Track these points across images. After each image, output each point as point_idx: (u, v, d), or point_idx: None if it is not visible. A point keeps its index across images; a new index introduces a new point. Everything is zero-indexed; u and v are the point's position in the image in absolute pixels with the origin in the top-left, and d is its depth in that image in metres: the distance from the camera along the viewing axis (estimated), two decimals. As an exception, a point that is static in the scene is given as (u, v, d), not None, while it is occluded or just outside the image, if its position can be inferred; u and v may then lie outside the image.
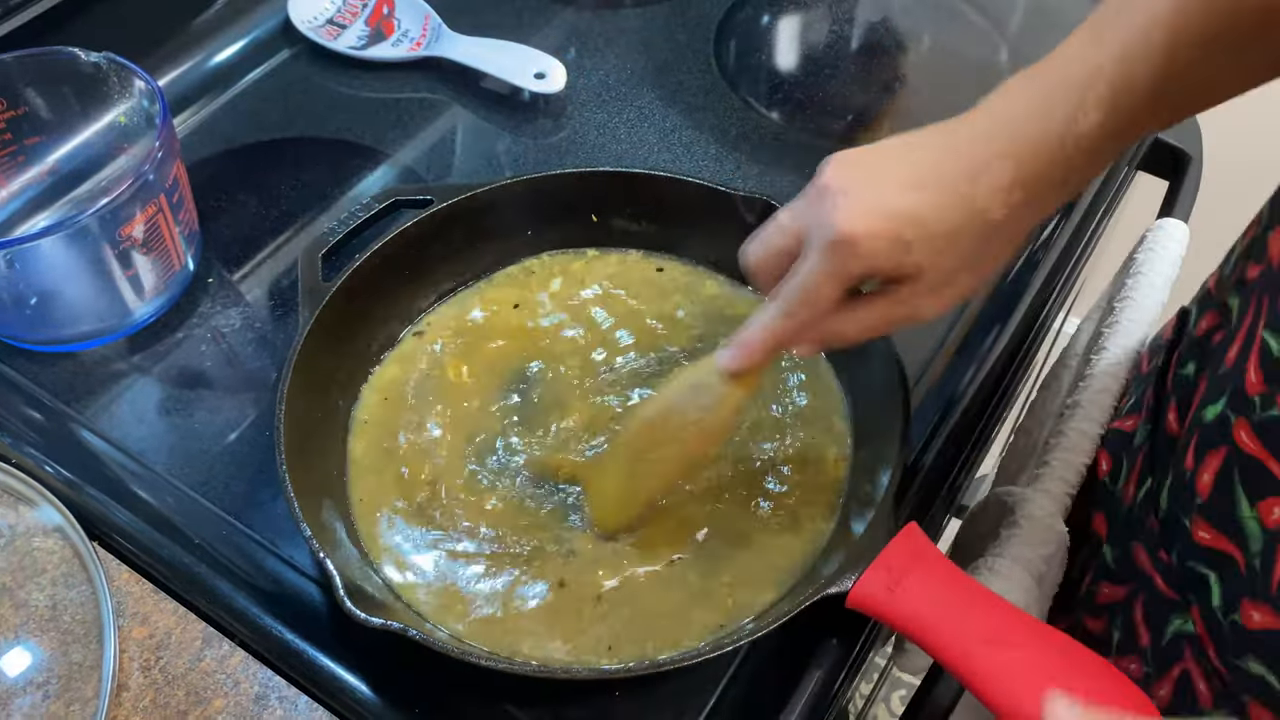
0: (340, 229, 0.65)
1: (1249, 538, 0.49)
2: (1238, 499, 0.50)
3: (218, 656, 0.54)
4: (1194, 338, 0.60)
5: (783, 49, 0.93)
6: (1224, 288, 0.58)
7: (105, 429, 0.63)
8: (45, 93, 0.68)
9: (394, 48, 0.86)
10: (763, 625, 0.51)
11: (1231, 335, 0.54)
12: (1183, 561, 0.53)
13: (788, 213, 0.50)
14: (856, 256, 0.47)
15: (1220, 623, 0.51)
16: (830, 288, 0.49)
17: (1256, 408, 0.49)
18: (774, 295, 0.51)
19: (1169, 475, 0.55)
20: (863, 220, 0.46)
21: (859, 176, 0.47)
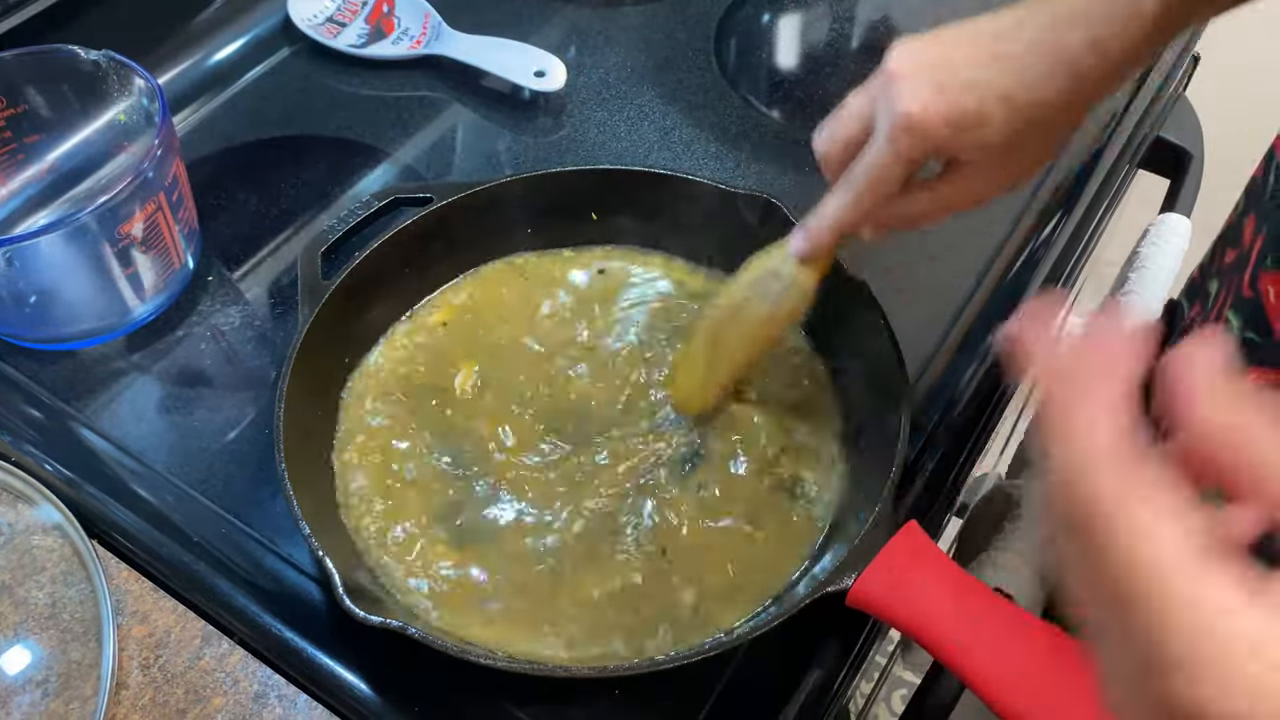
0: (340, 227, 0.65)
1: None
2: None
3: (217, 655, 0.54)
4: (1183, 327, 0.60)
5: (783, 47, 0.93)
6: (1205, 275, 0.59)
7: (105, 427, 0.63)
8: (45, 91, 0.68)
9: (394, 46, 0.86)
10: (762, 624, 0.51)
11: (1205, 318, 0.54)
12: None
13: (855, 99, 0.51)
14: (922, 136, 0.48)
15: None
16: (897, 170, 0.49)
17: None
18: (842, 180, 0.52)
19: None
20: (928, 100, 0.47)
21: (922, 60, 0.48)
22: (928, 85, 0.48)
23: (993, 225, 0.75)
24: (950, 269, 0.73)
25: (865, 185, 0.51)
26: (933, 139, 0.48)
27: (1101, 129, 0.82)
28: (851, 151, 0.52)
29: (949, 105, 0.47)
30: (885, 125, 0.49)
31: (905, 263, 0.72)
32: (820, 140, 0.53)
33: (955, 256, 0.73)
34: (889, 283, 0.64)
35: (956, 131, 0.48)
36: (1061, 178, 0.79)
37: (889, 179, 0.50)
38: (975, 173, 0.50)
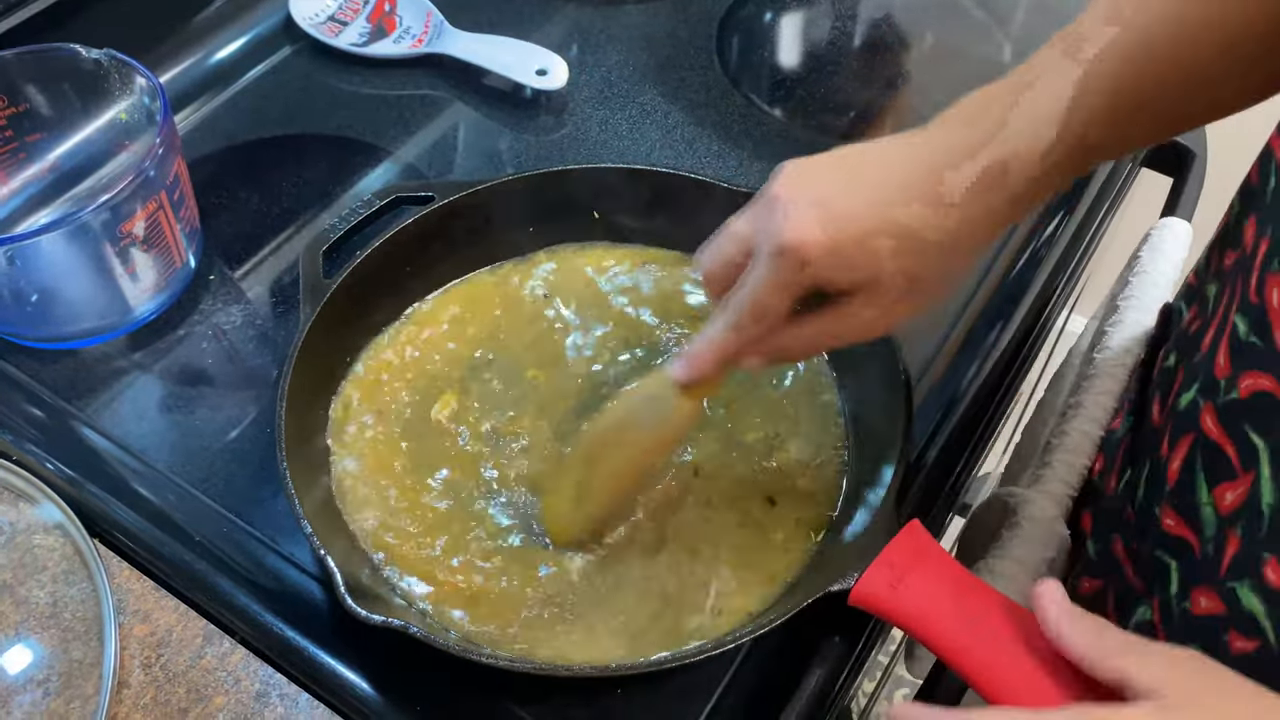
0: (341, 226, 0.65)
1: (1204, 523, 0.49)
2: (1198, 485, 0.49)
3: (218, 654, 0.54)
4: (1180, 330, 0.60)
5: (785, 46, 0.93)
6: (1202, 279, 0.58)
7: (106, 426, 0.63)
8: (46, 90, 0.68)
9: (395, 44, 0.86)
10: (764, 623, 0.51)
11: (1207, 323, 0.53)
12: (1151, 550, 0.53)
13: (740, 220, 0.49)
14: (804, 268, 0.46)
15: (1173, 612, 0.51)
16: (778, 300, 0.47)
17: (1221, 391, 0.49)
18: (722, 306, 0.49)
19: (1146, 466, 0.55)
20: (811, 230, 0.45)
21: (809, 185, 0.46)
22: (812, 215, 0.45)
23: (995, 224, 0.75)
24: (952, 267, 0.72)
25: (745, 315, 0.48)
26: (815, 271, 0.46)
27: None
28: (733, 275, 0.49)
29: (832, 238, 0.45)
30: (766, 251, 0.46)
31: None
32: (702, 259, 0.51)
33: (957, 255, 0.73)
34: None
35: (840, 265, 0.45)
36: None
37: (770, 309, 0.48)
38: (866, 304, 0.47)
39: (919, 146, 0.47)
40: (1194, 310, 0.58)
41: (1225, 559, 0.48)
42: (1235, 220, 0.55)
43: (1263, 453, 0.46)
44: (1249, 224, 0.52)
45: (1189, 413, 0.52)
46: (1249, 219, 0.52)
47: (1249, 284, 0.49)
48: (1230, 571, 0.47)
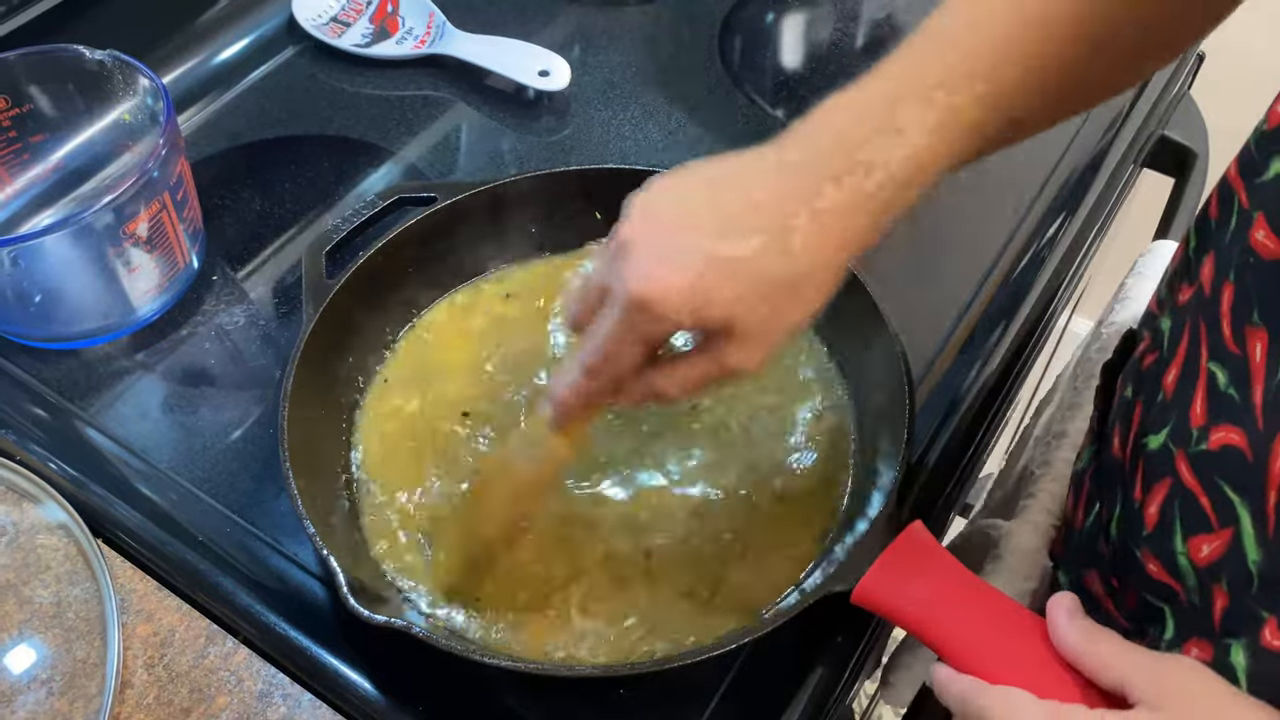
0: (344, 226, 0.65)
1: (1183, 573, 0.48)
2: (1174, 533, 0.48)
3: (221, 654, 0.54)
4: (1135, 360, 0.58)
5: (787, 46, 0.93)
6: (1162, 307, 0.56)
7: (109, 426, 0.63)
8: (50, 90, 0.68)
9: (398, 45, 0.86)
10: (767, 623, 0.51)
11: (1165, 361, 0.51)
12: (1139, 592, 0.52)
13: (596, 262, 0.47)
14: (653, 317, 0.43)
15: None
16: (629, 349, 0.45)
17: (1193, 440, 0.47)
18: (580, 347, 0.48)
19: (1118, 504, 0.54)
20: (656, 278, 0.43)
21: (655, 226, 0.44)
22: (660, 264, 0.43)
23: (998, 224, 0.75)
24: (954, 268, 0.73)
25: (598, 361, 0.46)
26: (662, 318, 0.43)
27: (1105, 128, 0.82)
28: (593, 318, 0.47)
29: (680, 278, 0.42)
30: (616, 299, 0.44)
31: (909, 262, 0.72)
32: (564, 305, 0.50)
33: (959, 256, 0.73)
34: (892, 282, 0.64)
35: (690, 307, 0.43)
36: (1066, 177, 0.79)
37: (623, 355, 0.46)
38: (729, 345, 0.45)
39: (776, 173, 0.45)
40: (1146, 340, 0.56)
41: (1215, 612, 0.47)
42: (1194, 254, 0.52)
43: (1241, 509, 0.45)
44: (1207, 261, 0.50)
45: (1161, 457, 0.50)
46: (1207, 256, 0.50)
47: (1222, 333, 0.47)
48: (1224, 628, 0.46)
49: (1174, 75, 0.87)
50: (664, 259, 0.43)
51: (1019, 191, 0.77)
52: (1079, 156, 0.80)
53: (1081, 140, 0.81)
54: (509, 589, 0.56)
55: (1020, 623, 0.48)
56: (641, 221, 0.45)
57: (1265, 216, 0.44)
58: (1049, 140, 0.81)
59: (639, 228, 0.44)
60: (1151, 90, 0.85)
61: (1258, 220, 0.44)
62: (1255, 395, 0.44)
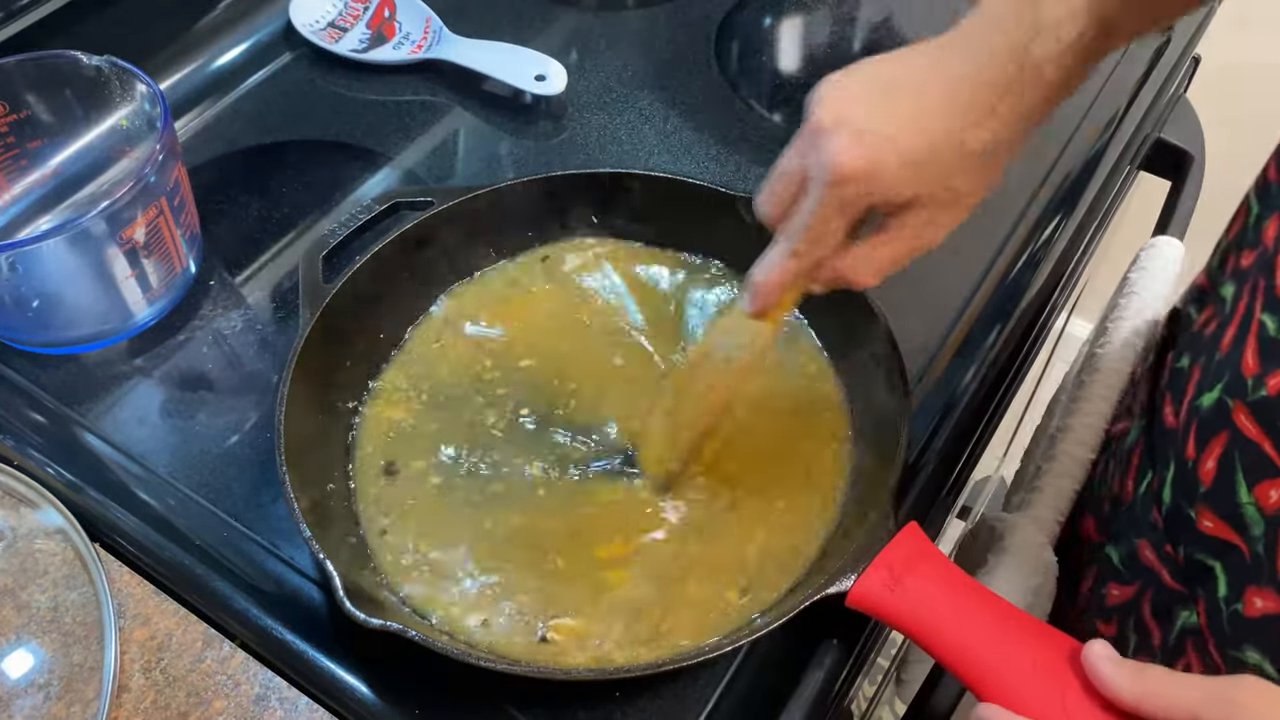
0: (341, 231, 0.65)
1: (1249, 523, 0.49)
2: (1238, 484, 0.50)
3: (218, 658, 0.54)
4: (1190, 333, 0.60)
5: (784, 50, 0.93)
6: (1215, 280, 0.58)
7: (107, 431, 0.63)
8: (47, 96, 0.68)
9: (395, 51, 0.87)
10: (763, 625, 0.51)
11: (1226, 321, 0.53)
12: (1190, 554, 0.53)
13: (788, 157, 0.50)
14: (855, 190, 0.47)
15: (1222, 613, 0.51)
16: (834, 223, 0.49)
17: (1249, 389, 0.49)
18: (783, 233, 0.51)
19: (1170, 467, 0.55)
20: (858, 154, 0.46)
21: (851, 111, 0.47)
22: (859, 140, 0.46)
23: (994, 226, 0.75)
24: (951, 270, 0.73)
25: (805, 240, 0.49)
26: (864, 191, 0.47)
27: (1102, 130, 0.82)
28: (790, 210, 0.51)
29: (880, 160, 0.46)
30: (818, 179, 0.48)
31: (906, 265, 0.72)
32: (760, 201, 0.52)
33: (956, 257, 0.73)
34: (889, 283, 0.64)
35: (890, 185, 0.47)
36: (1062, 179, 0.79)
37: (828, 233, 0.49)
38: (916, 219, 0.49)
39: (953, 58, 0.48)
40: (1209, 311, 0.58)
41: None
42: (1254, 220, 0.55)
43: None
44: (1270, 222, 0.52)
45: (1217, 412, 0.51)
46: (1270, 217, 0.52)
47: (1273, 281, 0.49)
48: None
49: (1169, 78, 0.87)
50: (863, 136, 0.46)
51: (1016, 193, 0.77)
52: (1075, 158, 0.80)
53: (1078, 142, 0.81)
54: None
55: (1016, 625, 0.48)
56: (836, 108, 0.47)
57: None
58: (1045, 142, 0.81)
59: (834, 114, 0.47)
60: (1147, 93, 0.85)
61: None
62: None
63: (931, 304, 0.70)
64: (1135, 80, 0.86)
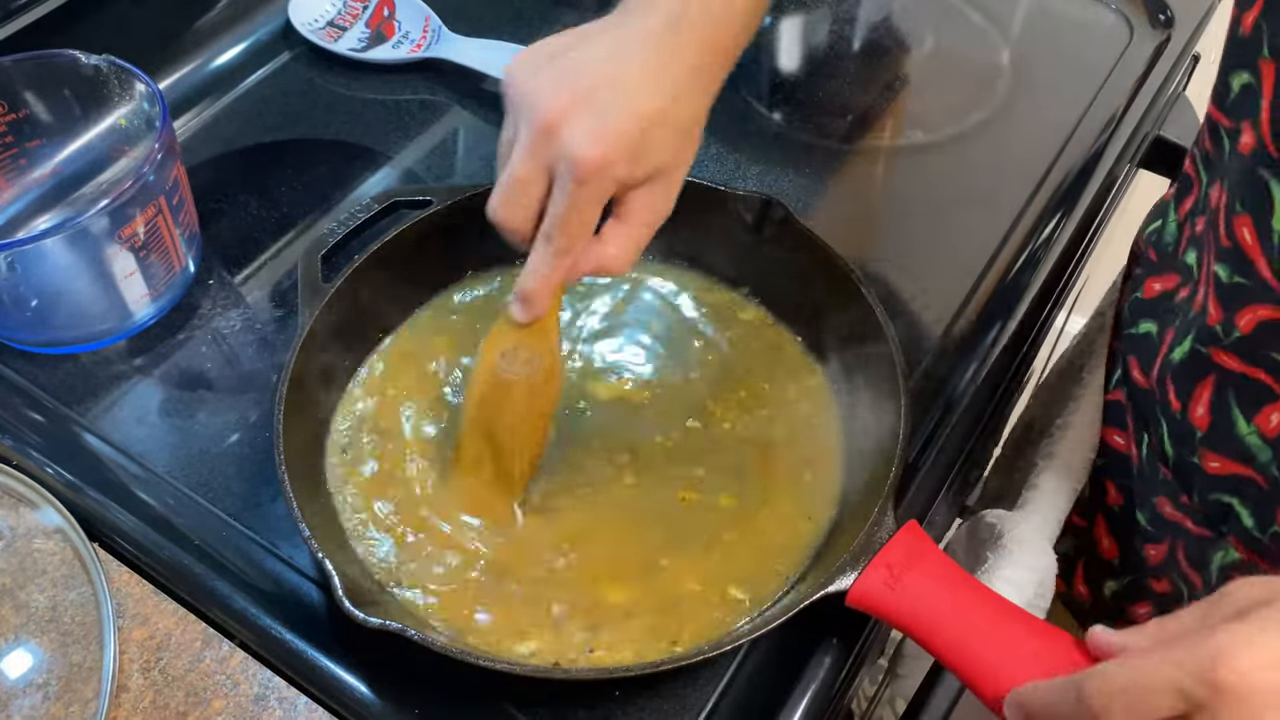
0: (340, 230, 0.65)
1: (1255, 451, 0.50)
2: (1235, 420, 0.51)
3: (217, 657, 0.54)
4: (1142, 300, 0.62)
5: (784, 49, 0.93)
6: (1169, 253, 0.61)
7: (106, 431, 0.63)
8: (46, 96, 0.68)
9: (394, 50, 0.86)
10: (763, 624, 0.51)
11: (1195, 286, 0.55)
12: (1205, 498, 0.54)
13: (519, 160, 0.50)
14: (601, 180, 0.48)
15: (1260, 539, 0.52)
16: (588, 215, 0.50)
17: (1221, 335, 0.51)
18: (540, 239, 0.51)
19: (1162, 424, 0.56)
20: (598, 146, 0.47)
21: (572, 104, 0.48)
22: (603, 121, 0.48)
23: (994, 224, 0.75)
24: (951, 268, 0.73)
25: (565, 238, 0.50)
26: (613, 175, 0.48)
27: (1101, 129, 0.82)
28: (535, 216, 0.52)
29: (633, 137, 0.48)
30: (565, 174, 0.48)
31: (905, 263, 0.72)
32: (505, 216, 0.52)
33: (956, 256, 0.73)
34: (889, 282, 0.64)
35: (631, 158, 0.48)
36: (1062, 177, 0.79)
37: (585, 226, 0.50)
38: (652, 192, 0.51)
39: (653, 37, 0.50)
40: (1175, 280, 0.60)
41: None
42: (1204, 189, 0.57)
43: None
44: (1215, 188, 0.54)
45: (1192, 361, 0.53)
46: (1215, 184, 0.54)
47: (1219, 234, 0.51)
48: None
49: (1169, 76, 0.87)
50: (603, 121, 0.48)
51: (1015, 191, 0.77)
52: (1075, 157, 0.80)
53: (1077, 141, 0.81)
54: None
55: (1015, 623, 0.47)
56: (555, 103, 0.48)
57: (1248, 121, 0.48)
58: (1044, 141, 0.81)
59: (558, 110, 0.48)
60: (1147, 91, 0.85)
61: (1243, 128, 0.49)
62: (1263, 271, 0.48)
63: (932, 301, 0.70)
64: (1135, 79, 0.86)
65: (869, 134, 0.83)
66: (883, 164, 0.82)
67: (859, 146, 0.82)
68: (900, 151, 0.82)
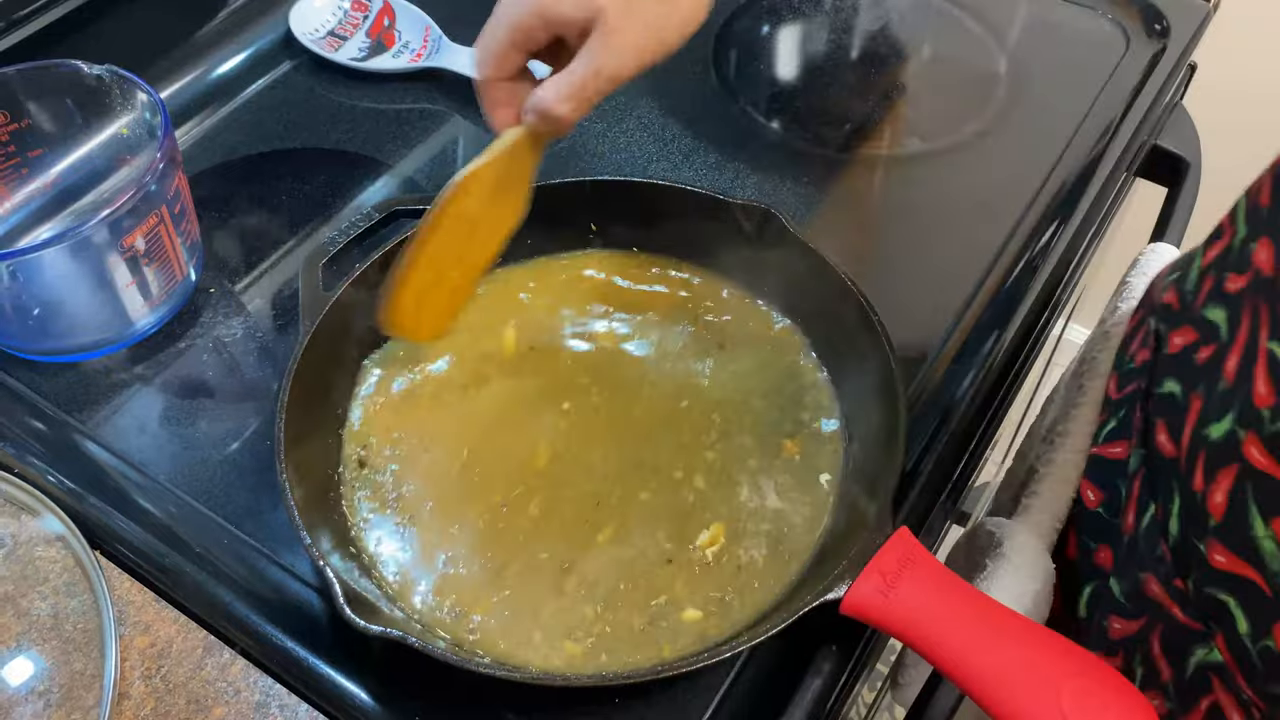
0: (340, 239, 0.66)
1: (1266, 558, 0.48)
2: (1251, 518, 0.48)
3: (219, 665, 0.54)
4: (1168, 356, 0.59)
5: (782, 58, 0.93)
6: (1188, 302, 0.58)
7: (107, 439, 0.63)
8: (48, 105, 0.68)
9: (395, 59, 0.87)
10: (760, 631, 0.51)
11: (1224, 349, 0.53)
12: (1200, 588, 0.52)
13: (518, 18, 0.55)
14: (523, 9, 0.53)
15: (1249, 650, 0.50)
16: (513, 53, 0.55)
17: (1266, 421, 0.48)
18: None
19: (1176, 499, 0.54)
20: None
21: None
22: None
23: (992, 232, 0.75)
24: (948, 276, 0.73)
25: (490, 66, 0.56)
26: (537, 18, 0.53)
27: (1099, 137, 0.83)
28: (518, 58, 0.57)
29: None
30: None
31: (903, 270, 0.73)
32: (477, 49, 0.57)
33: (953, 264, 0.74)
34: (886, 290, 0.64)
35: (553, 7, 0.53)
36: (1060, 185, 0.79)
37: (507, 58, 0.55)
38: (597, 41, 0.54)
39: None
40: (1191, 335, 0.57)
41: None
42: (1240, 242, 0.54)
43: None
44: (1261, 246, 0.51)
45: (1226, 444, 0.50)
46: (1258, 241, 0.52)
47: (1277, 308, 0.48)
48: None
49: (1166, 85, 0.87)
50: None
51: (1012, 200, 0.78)
52: (1072, 165, 0.81)
53: (1074, 149, 0.82)
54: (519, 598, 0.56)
55: (1011, 629, 0.48)
56: None
57: None
58: (1041, 149, 0.82)
59: None
60: (1144, 100, 0.85)
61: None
62: None
63: (929, 309, 0.71)
64: (1132, 87, 0.87)
65: (866, 143, 0.84)
66: (880, 173, 0.82)
67: (856, 155, 0.82)
68: (898, 160, 0.83)
